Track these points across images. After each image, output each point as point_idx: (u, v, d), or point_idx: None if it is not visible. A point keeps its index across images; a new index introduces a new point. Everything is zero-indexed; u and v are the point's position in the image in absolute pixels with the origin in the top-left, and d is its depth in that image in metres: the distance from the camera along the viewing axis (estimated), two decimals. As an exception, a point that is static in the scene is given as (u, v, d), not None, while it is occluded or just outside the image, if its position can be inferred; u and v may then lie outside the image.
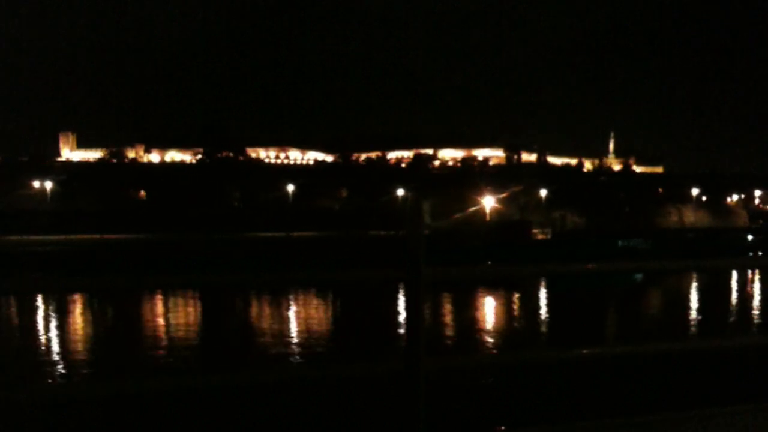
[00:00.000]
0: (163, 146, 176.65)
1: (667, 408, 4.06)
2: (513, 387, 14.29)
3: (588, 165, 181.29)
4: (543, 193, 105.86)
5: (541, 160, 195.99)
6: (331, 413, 12.91)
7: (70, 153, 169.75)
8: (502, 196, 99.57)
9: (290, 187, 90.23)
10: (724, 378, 13.89)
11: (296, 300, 33.92)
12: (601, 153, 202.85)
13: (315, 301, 33.94)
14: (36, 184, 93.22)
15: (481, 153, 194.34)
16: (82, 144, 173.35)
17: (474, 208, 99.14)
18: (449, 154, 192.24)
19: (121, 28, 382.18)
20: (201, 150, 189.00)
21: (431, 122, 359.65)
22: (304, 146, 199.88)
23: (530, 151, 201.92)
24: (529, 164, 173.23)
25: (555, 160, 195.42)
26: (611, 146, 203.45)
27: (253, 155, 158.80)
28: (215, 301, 32.08)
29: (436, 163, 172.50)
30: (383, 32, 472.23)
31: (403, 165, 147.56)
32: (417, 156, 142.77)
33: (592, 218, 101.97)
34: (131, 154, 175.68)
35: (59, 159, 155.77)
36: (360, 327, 26.15)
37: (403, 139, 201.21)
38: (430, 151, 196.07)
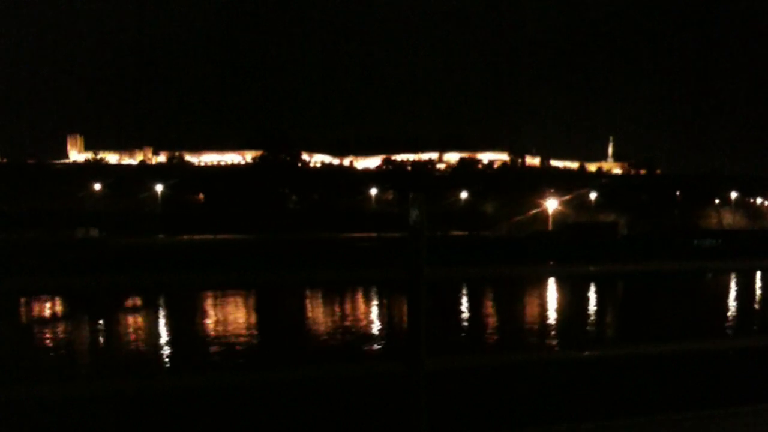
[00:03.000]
0: (171, 149, 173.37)
1: (667, 408, 4.15)
2: (513, 387, 14.24)
3: (617, 169, 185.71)
4: (592, 196, 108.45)
5: (545, 163, 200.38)
6: (332, 413, 12.91)
7: (78, 155, 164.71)
8: (564, 198, 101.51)
9: (373, 191, 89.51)
10: (724, 378, 13.96)
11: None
12: (600, 157, 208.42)
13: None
14: (96, 186, 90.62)
15: (485, 156, 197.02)
16: (89, 146, 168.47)
17: (534, 211, 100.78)
18: (453, 158, 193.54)
19: (123, 31, 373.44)
20: (209, 152, 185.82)
21: (433, 125, 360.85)
22: (309, 149, 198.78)
23: (530, 154, 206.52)
24: (563, 169, 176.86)
25: (557, 164, 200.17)
26: (610, 150, 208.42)
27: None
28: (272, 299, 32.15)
29: (441, 166, 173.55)
30: (384, 35, 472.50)
31: (445, 168, 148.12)
32: (462, 160, 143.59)
33: (641, 220, 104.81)
34: (139, 156, 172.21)
35: (109, 162, 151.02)
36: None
37: (406, 142, 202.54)
38: (435, 155, 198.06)
